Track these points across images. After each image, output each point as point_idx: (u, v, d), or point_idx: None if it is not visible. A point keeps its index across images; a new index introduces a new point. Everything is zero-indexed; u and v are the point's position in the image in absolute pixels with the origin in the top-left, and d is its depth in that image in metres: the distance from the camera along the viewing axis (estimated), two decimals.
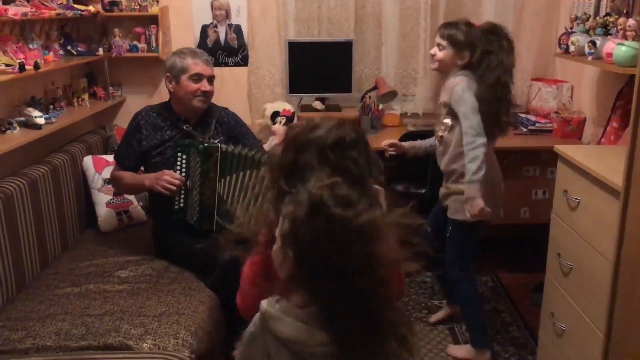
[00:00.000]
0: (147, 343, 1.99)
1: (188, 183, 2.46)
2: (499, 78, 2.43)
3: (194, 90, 2.53)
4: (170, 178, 2.42)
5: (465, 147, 2.35)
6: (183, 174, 2.46)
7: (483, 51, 2.46)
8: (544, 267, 2.46)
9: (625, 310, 1.64)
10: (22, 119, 2.62)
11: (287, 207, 1.10)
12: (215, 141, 2.54)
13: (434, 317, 2.96)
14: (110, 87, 3.51)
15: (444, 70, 2.55)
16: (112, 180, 2.72)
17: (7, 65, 2.41)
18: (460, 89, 2.41)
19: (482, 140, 2.34)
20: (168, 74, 2.57)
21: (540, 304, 2.56)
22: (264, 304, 1.13)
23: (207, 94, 2.57)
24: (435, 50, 2.54)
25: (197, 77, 2.54)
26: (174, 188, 2.42)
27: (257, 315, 1.15)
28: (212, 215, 2.46)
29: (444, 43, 2.50)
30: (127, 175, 2.60)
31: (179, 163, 2.47)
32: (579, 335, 2.05)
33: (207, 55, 2.62)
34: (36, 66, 2.52)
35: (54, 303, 2.24)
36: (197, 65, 2.54)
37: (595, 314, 1.89)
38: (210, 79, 2.59)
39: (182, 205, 2.48)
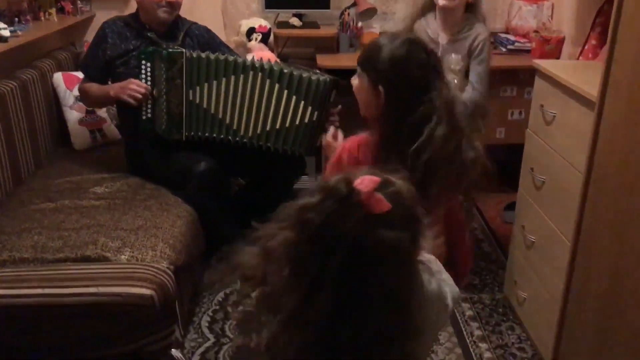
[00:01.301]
0: (125, 255, 2.00)
1: (154, 92, 2.40)
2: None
3: (158, 0, 2.45)
4: (136, 87, 2.37)
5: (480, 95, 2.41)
6: (149, 83, 2.41)
7: None
8: (517, 187, 2.50)
9: (594, 218, 1.68)
10: None
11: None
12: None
13: None
14: (79, 2, 3.36)
15: (456, 8, 2.36)
16: (80, 93, 2.66)
17: None
18: (488, 44, 2.39)
19: None
20: None
21: (511, 221, 2.62)
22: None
23: (173, 5, 2.49)
24: None
25: None
26: (140, 97, 2.37)
27: None
28: (181, 124, 2.43)
29: None
30: (94, 87, 2.55)
31: (143, 71, 2.41)
32: (548, 245, 2.11)
33: None
34: None
35: (29, 218, 2.23)
36: None
37: (565, 224, 1.94)
38: None
39: (149, 115, 2.44)
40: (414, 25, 2.53)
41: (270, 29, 3.35)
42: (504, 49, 3.38)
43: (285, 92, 2.34)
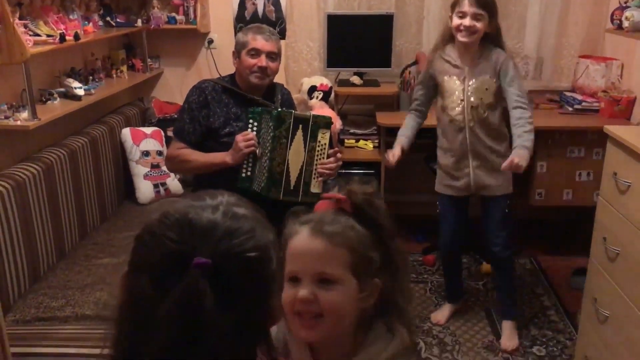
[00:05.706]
0: None
1: (258, 151, 2.34)
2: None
3: (251, 65, 2.40)
4: (242, 138, 2.30)
5: (527, 120, 2.35)
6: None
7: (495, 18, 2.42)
8: (584, 251, 2.38)
9: None
10: (62, 89, 2.64)
11: None
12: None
13: (441, 317, 2.79)
14: (149, 59, 3.50)
15: (475, 43, 2.42)
16: (173, 160, 2.45)
17: (48, 35, 2.42)
18: (513, 63, 2.41)
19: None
20: (234, 50, 2.48)
21: (579, 287, 2.49)
22: None
23: (264, 70, 2.42)
24: (470, 21, 2.34)
25: (255, 52, 2.41)
26: (253, 143, 2.31)
27: None
28: (280, 183, 2.33)
29: (483, 12, 2.37)
30: (197, 156, 2.42)
31: (249, 130, 2.36)
32: (625, 323, 1.98)
33: (270, 31, 2.48)
34: (76, 37, 2.52)
35: (92, 273, 2.28)
36: (255, 40, 2.41)
37: None
38: (270, 55, 2.43)
39: (249, 173, 2.37)
40: (435, 54, 2.56)
41: (331, 87, 3.39)
42: (570, 108, 3.29)
43: None
